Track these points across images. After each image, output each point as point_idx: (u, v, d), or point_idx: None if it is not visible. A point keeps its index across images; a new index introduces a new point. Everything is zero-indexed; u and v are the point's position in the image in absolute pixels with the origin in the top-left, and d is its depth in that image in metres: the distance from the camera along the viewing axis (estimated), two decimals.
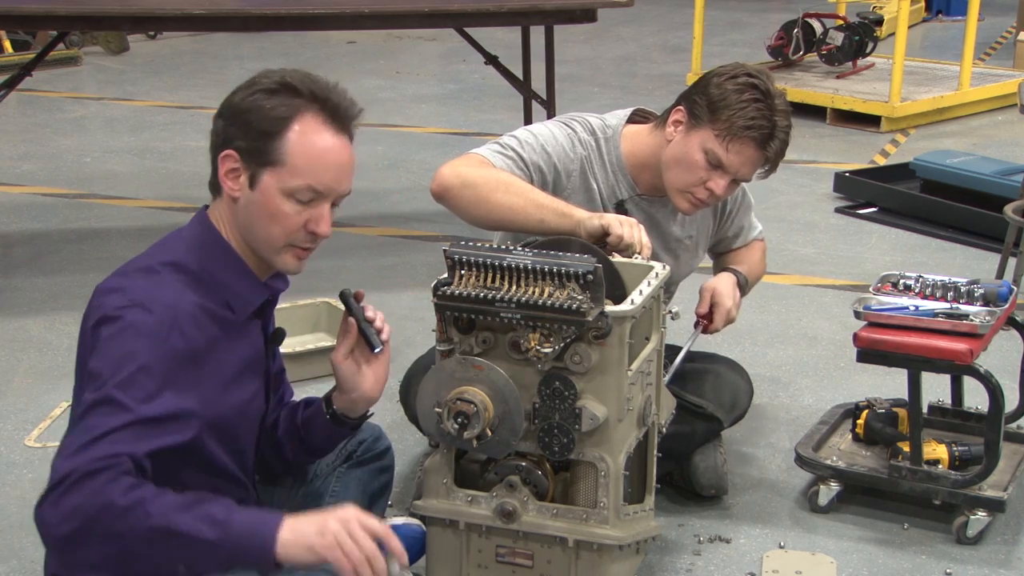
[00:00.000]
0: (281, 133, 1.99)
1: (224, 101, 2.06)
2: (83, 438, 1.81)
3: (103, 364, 1.88)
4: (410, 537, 2.57)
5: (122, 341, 1.90)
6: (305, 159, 2.00)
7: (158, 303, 1.94)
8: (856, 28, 7.76)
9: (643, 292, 2.30)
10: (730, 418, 2.99)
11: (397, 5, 4.67)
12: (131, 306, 1.93)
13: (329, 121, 2.04)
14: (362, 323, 2.20)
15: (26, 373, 3.71)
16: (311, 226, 2.05)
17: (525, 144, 2.71)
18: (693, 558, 2.75)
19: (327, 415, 2.29)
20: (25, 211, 5.36)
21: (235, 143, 2.01)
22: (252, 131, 1.99)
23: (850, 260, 4.83)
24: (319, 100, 2.03)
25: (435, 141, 6.69)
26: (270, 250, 2.07)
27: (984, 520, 2.79)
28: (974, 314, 2.76)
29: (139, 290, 1.96)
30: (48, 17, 4.42)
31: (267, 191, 2.01)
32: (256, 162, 2.01)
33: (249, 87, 2.03)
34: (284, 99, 2.01)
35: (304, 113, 2.01)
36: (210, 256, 2.06)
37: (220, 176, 2.03)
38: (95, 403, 1.85)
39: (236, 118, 2.01)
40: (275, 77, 2.03)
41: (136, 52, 9.29)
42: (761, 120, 2.64)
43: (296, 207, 2.02)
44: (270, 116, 1.99)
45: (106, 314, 1.94)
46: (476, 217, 2.63)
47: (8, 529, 2.84)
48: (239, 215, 2.06)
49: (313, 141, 2.01)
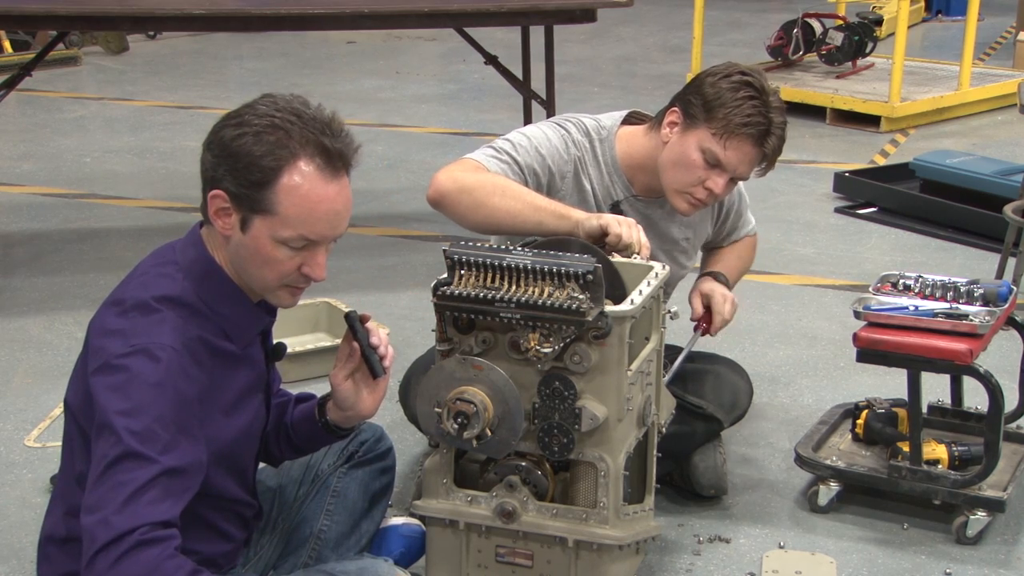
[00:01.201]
0: (271, 183, 1.91)
1: (214, 132, 1.96)
2: (118, 495, 1.80)
3: (115, 418, 1.85)
4: (410, 537, 2.58)
5: (131, 392, 1.86)
6: (296, 211, 1.93)
7: (162, 349, 1.90)
8: (856, 28, 7.76)
9: (643, 292, 2.30)
10: (730, 418, 2.99)
11: (397, 5, 4.67)
12: (134, 353, 1.89)
13: (323, 167, 1.94)
14: (366, 350, 2.18)
15: (26, 373, 3.71)
16: (305, 270, 2.00)
17: (519, 147, 2.71)
18: (693, 558, 2.75)
19: (320, 423, 2.29)
20: (25, 211, 5.36)
21: (223, 185, 1.93)
22: (241, 178, 1.91)
23: (850, 260, 4.83)
24: (312, 144, 1.93)
25: (435, 141, 6.69)
26: (263, 289, 2.04)
27: (984, 520, 2.79)
28: (974, 314, 2.76)
29: (140, 333, 1.91)
30: (48, 17, 4.42)
31: (258, 237, 1.95)
32: (246, 208, 1.94)
33: (238, 125, 1.92)
34: (274, 145, 1.91)
35: (296, 161, 1.92)
36: (206, 286, 2.01)
37: (210, 213, 1.97)
38: (118, 458, 1.82)
39: (225, 160, 1.92)
40: (265, 117, 1.92)
41: (136, 52, 9.29)
42: (757, 117, 2.64)
43: (289, 253, 1.97)
44: (259, 164, 1.90)
45: (108, 361, 1.89)
46: (474, 222, 2.63)
47: (7, 529, 2.84)
48: (231, 251, 2.01)
49: (305, 193, 1.92)
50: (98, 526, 1.79)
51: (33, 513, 2.87)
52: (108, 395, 1.87)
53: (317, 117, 1.96)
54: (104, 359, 1.90)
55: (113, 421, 1.84)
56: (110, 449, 1.83)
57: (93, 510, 1.82)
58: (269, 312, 2.14)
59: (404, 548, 2.56)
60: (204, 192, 1.99)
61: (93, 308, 2.06)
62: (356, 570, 2.24)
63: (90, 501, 1.83)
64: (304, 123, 1.93)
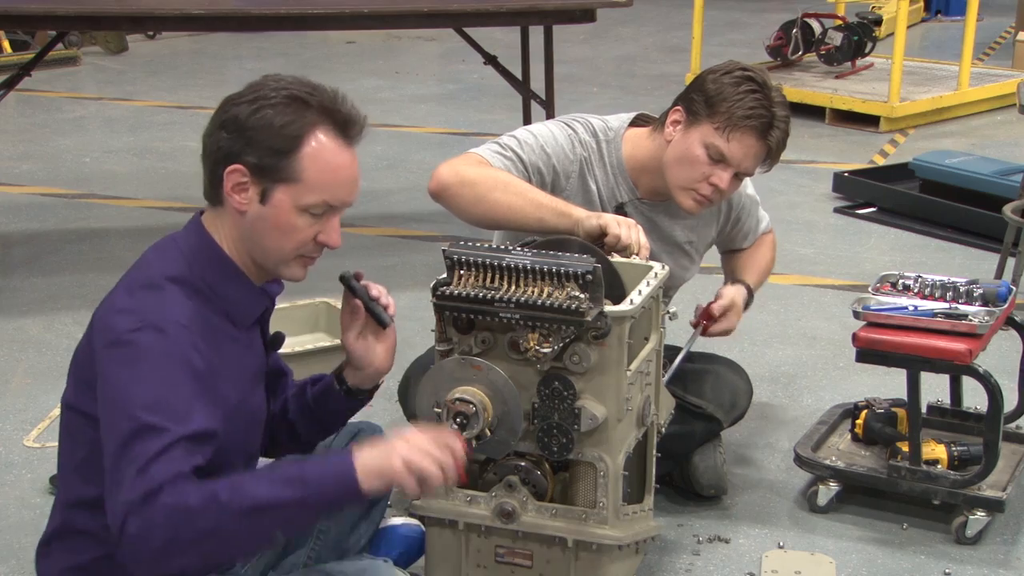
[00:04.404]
0: (295, 151, 1.97)
1: (224, 113, 2.00)
2: (131, 468, 1.80)
3: (125, 393, 1.85)
4: (409, 537, 2.58)
5: (142, 366, 1.87)
6: (320, 176, 1.99)
7: (170, 323, 1.91)
8: (855, 28, 7.76)
9: (642, 292, 2.30)
10: (729, 418, 2.99)
11: (396, 5, 4.67)
12: (143, 328, 1.90)
13: (340, 135, 2.01)
14: (368, 303, 2.21)
15: (25, 373, 3.70)
16: (322, 238, 2.05)
17: (524, 144, 2.71)
18: (692, 558, 2.75)
19: (342, 391, 2.29)
20: (24, 211, 5.36)
21: (243, 158, 1.97)
22: (263, 148, 1.96)
23: (849, 260, 4.83)
24: (328, 113, 2.00)
25: (434, 141, 6.69)
26: (278, 261, 2.06)
27: (983, 520, 2.79)
28: (973, 314, 2.76)
29: (148, 310, 1.92)
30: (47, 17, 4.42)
31: (280, 206, 1.99)
32: (268, 178, 1.98)
33: (254, 101, 1.98)
34: (294, 115, 1.97)
35: (315, 129, 1.98)
36: (209, 268, 2.04)
37: (226, 190, 1.99)
38: (132, 434, 1.82)
39: (243, 134, 1.97)
40: (281, 90, 1.99)
41: (135, 52, 9.29)
42: (760, 109, 2.64)
43: (308, 220, 2.01)
44: (282, 134, 1.96)
45: (119, 338, 1.90)
46: (474, 216, 2.63)
47: (7, 529, 2.84)
48: (244, 227, 2.03)
49: (327, 158, 1.99)
50: (120, 502, 1.79)
51: (32, 513, 2.87)
52: (118, 370, 1.88)
53: (327, 89, 2.04)
54: (114, 336, 1.91)
55: (124, 395, 1.85)
56: (123, 423, 1.83)
57: (113, 488, 1.82)
58: (269, 298, 2.16)
59: (403, 548, 2.56)
60: (214, 173, 2.01)
61: (92, 308, 2.06)
62: (356, 571, 2.24)
63: (110, 481, 1.83)
64: (318, 94, 2.01)
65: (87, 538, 2.05)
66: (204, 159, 2.03)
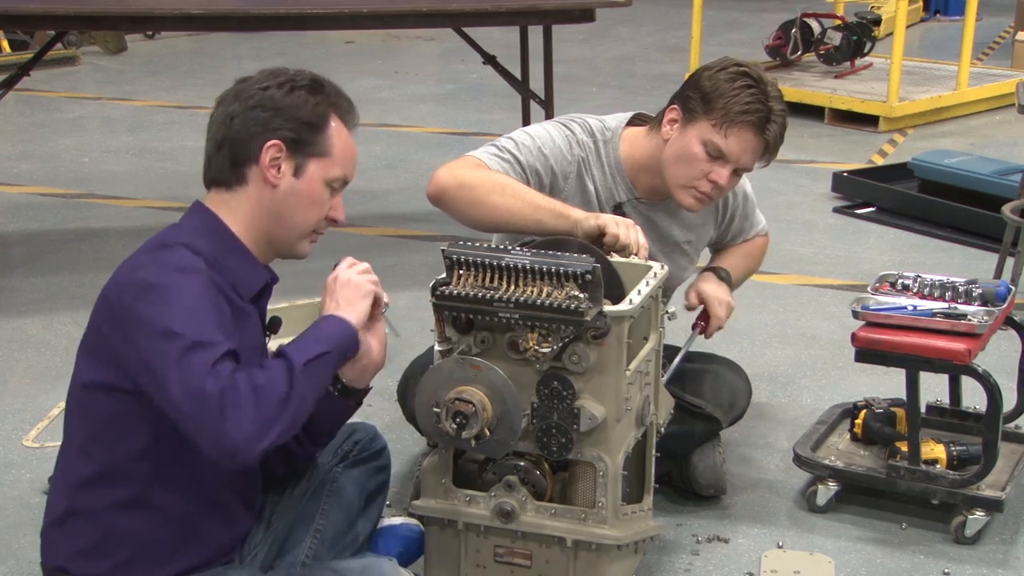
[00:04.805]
0: (325, 127, 2.16)
1: (251, 96, 2.12)
2: (198, 377, 1.88)
3: (166, 323, 1.92)
4: (408, 537, 2.58)
5: (175, 299, 1.95)
6: (342, 152, 2.18)
7: (192, 269, 2.01)
8: (854, 28, 7.76)
9: (641, 292, 2.30)
10: (729, 418, 2.99)
11: (395, 5, 4.67)
12: (171, 273, 1.99)
13: (347, 119, 2.21)
14: None
15: (24, 373, 3.70)
16: (332, 213, 2.21)
17: (521, 146, 2.71)
18: (691, 558, 2.75)
19: (335, 391, 2.30)
20: (23, 211, 5.36)
21: (280, 134, 2.11)
22: (300, 124, 2.13)
23: (848, 260, 4.83)
24: (338, 97, 2.20)
25: (433, 141, 6.69)
26: (298, 236, 2.19)
27: (982, 520, 2.79)
28: (972, 314, 2.76)
29: (169, 261, 2.02)
30: (46, 17, 4.42)
31: (312, 179, 2.15)
32: (303, 152, 2.14)
33: (283, 84, 2.14)
34: (321, 96, 2.17)
35: (334, 110, 2.18)
36: (214, 241, 2.11)
37: (262, 164, 2.11)
38: (186, 350, 1.89)
39: (280, 111, 2.12)
40: (303, 77, 2.18)
41: (134, 52, 9.29)
42: (757, 104, 2.63)
43: (328, 195, 2.18)
44: (315, 112, 2.15)
45: (147, 284, 1.97)
46: (473, 219, 2.63)
47: (6, 529, 2.84)
48: (272, 202, 2.14)
49: (345, 136, 2.19)
50: (204, 412, 1.88)
51: (31, 513, 2.87)
52: (153, 308, 1.94)
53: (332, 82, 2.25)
54: (141, 285, 1.98)
55: (165, 325, 1.92)
56: (169, 345, 1.90)
57: (184, 399, 1.89)
58: (271, 273, 2.24)
59: (402, 548, 2.56)
60: (241, 151, 2.12)
61: (91, 308, 2.07)
62: (360, 567, 2.24)
63: (184, 403, 1.89)
64: (328, 83, 2.22)
65: (93, 520, 2.08)
66: (224, 141, 2.13)
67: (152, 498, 2.08)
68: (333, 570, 2.23)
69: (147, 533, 2.10)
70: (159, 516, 2.10)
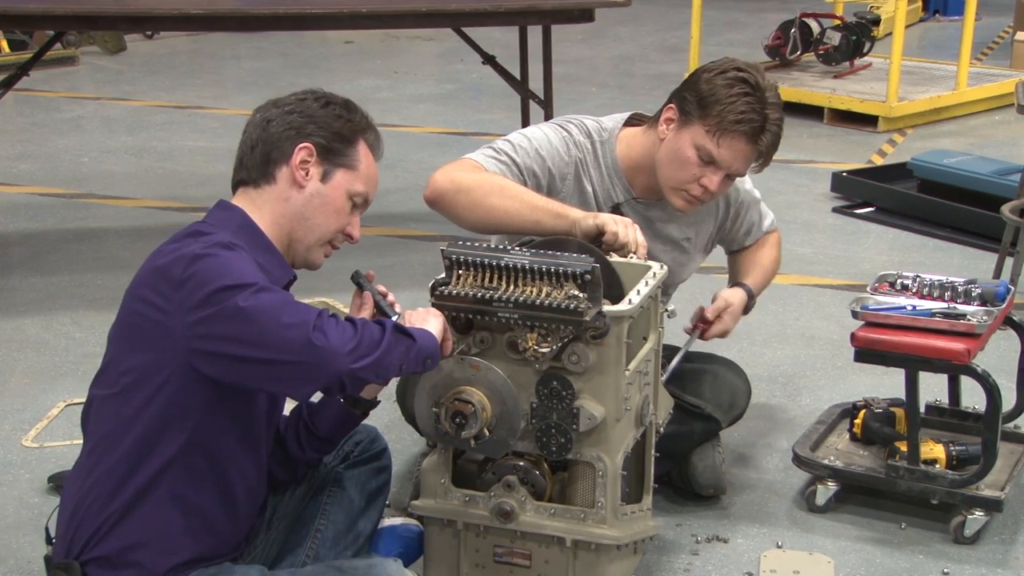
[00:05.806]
0: (356, 143, 2.25)
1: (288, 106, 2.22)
2: (290, 314, 1.96)
3: (227, 279, 1.97)
4: (407, 537, 2.58)
5: (231, 261, 2.01)
6: (367, 171, 2.27)
7: (236, 247, 2.06)
8: (853, 28, 7.76)
9: (641, 292, 2.30)
10: (728, 418, 2.99)
11: (395, 5, 4.67)
12: (216, 245, 2.04)
13: (374, 146, 2.30)
14: (377, 297, 2.33)
15: (23, 373, 3.70)
16: (349, 229, 2.29)
17: (519, 148, 2.71)
18: (691, 558, 2.75)
19: (341, 398, 2.33)
20: (22, 211, 5.36)
21: (313, 139, 2.20)
22: (333, 133, 2.22)
23: (847, 260, 4.84)
24: (370, 128, 2.30)
25: (433, 141, 6.69)
26: (316, 241, 2.24)
27: (981, 520, 2.79)
28: (971, 314, 2.76)
29: (211, 240, 2.06)
30: (45, 17, 4.42)
31: (338, 187, 2.23)
32: (332, 161, 2.22)
33: (320, 98, 2.25)
34: (355, 115, 2.27)
35: (364, 133, 2.28)
36: (243, 236, 2.15)
37: (292, 163, 2.18)
38: (256, 291, 1.97)
39: (315, 119, 2.21)
40: (340, 99, 2.28)
41: (133, 52, 9.28)
42: (751, 114, 2.63)
43: (349, 208, 2.26)
44: (348, 126, 2.24)
45: (196, 254, 2.00)
46: (471, 221, 2.63)
47: (6, 529, 2.84)
48: (296, 202, 2.20)
49: (370, 160, 2.29)
50: (276, 312, 1.96)
51: (31, 513, 2.87)
52: (213, 272, 1.99)
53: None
54: (190, 257, 2.01)
55: (235, 278, 1.98)
56: (242, 294, 1.96)
57: (264, 322, 1.95)
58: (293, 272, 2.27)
59: (402, 548, 2.55)
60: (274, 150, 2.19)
61: (91, 308, 2.08)
62: (365, 567, 2.25)
63: (268, 347, 1.96)
64: (360, 109, 2.31)
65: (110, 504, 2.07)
66: (258, 142, 2.21)
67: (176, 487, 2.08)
68: (338, 568, 2.23)
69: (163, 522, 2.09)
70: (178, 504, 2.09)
